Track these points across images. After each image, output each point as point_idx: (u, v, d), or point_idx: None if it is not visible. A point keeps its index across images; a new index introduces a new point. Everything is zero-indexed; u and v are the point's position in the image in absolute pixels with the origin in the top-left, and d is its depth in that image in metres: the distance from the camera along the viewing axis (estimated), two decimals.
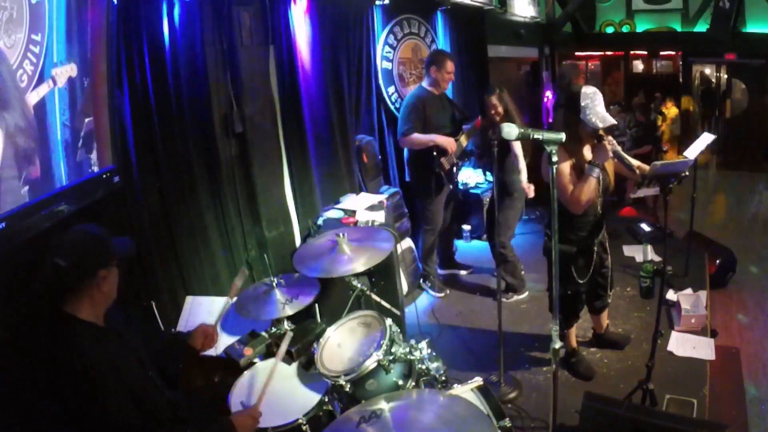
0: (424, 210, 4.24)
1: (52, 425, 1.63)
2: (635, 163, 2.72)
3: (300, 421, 1.99)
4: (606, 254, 3.05)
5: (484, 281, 4.48)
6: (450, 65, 4.07)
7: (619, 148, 2.64)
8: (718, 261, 4.68)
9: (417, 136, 3.95)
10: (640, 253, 4.67)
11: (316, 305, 2.68)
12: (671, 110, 8.22)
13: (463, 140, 4.06)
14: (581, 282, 2.92)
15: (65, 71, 2.00)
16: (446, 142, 3.94)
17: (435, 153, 3.98)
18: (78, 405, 1.53)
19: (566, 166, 2.64)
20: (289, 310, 2.43)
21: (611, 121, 2.51)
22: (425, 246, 4.29)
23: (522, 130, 1.90)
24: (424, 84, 4.12)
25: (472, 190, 5.32)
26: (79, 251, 1.62)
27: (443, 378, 2.21)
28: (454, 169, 4.16)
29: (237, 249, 3.25)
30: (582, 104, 2.52)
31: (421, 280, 4.37)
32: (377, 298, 2.72)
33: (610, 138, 2.57)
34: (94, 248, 1.65)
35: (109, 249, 1.68)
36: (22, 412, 1.73)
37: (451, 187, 4.28)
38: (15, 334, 1.79)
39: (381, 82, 4.61)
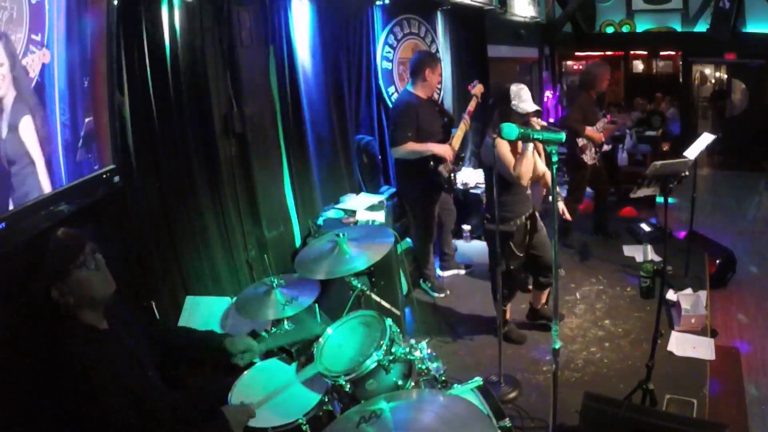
0: (418, 218, 4.12)
1: (52, 425, 1.64)
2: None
3: (300, 421, 1.99)
4: (537, 231, 3.34)
5: (484, 281, 4.48)
6: (440, 68, 4.01)
7: (544, 123, 3.17)
8: (718, 261, 4.68)
9: (413, 145, 3.77)
10: (640, 253, 4.67)
11: (316, 305, 2.68)
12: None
13: (455, 144, 3.97)
14: (521, 255, 3.27)
15: (37, 58, 1.86)
16: (443, 150, 3.82)
17: (432, 162, 3.84)
18: (77, 406, 1.54)
19: (507, 150, 3.07)
20: (289, 311, 2.43)
21: (535, 107, 3.03)
22: (422, 251, 4.25)
23: (522, 131, 1.91)
24: (412, 89, 3.90)
25: (472, 190, 5.31)
26: (33, 265, 1.61)
27: (443, 378, 2.21)
28: (452, 175, 4.05)
29: (237, 249, 3.25)
30: (512, 97, 3.00)
31: (421, 281, 4.37)
32: (377, 298, 2.73)
33: (535, 119, 3.03)
34: (43, 263, 1.60)
35: (54, 262, 1.61)
36: (23, 412, 1.73)
37: (452, 192, 4.21)
38: (15, 335, 1.79)
39: (381, 82, 4.62)
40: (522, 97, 3.00)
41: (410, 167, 3.90)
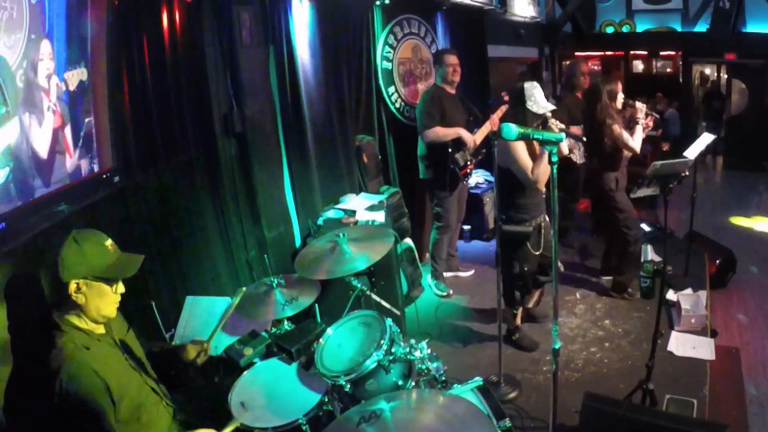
0: (438, 206, 4.27)
1: (51, 426, 1.63)
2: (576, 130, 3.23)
3: (300, 421, 1.99)
4: (548, 231, 3.28)
5: (485, 281, 4.48)
6: (450, 58, 4.17)
7: (563, 126, 2.99)
8: (718, 261, 4.68)
9: (440, 129, 4.02)
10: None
11: (316, 305, 2.68)
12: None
13: (478, 138, 4.15)
14: (536, 254, 3.22)
15: (76, 75, 2.03)
16: (468, 136, 4.07)
17: (450, 149, 4.04)
18: (77, 407, 1.53)
19: (524, 152, 2.97)
20: (289, 311, 2.43)
21: (551, 107, 2.94)
22: (436, 243, 4.32)
23: (522, 130, 1.91)
24: (438, 82, 4.21)
25: (472, 190, 5.31)
26: (74, 252, 1.60)
27: (443, 378, 2.21)
28: (468, 166, 4.20)
29: (237, 249, 3.24)
30: (526, 97, 2.91)
31: (429, 277, 4.39)
32: (377, 298, 2.73)
33: (553, 120, 2.94)
34: (69, 259, 1.59)
35: (95, 264, 1.61)
36: (23, 412, 1.73)
37: (467, 183, 4.38)
38: (14, 335, 1.78)
39: (381, 82, 4.61)
40: (536, 97, 2.91)
41: (436, 155, 4.12)
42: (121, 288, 1.71)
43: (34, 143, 1.84)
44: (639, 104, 3.69)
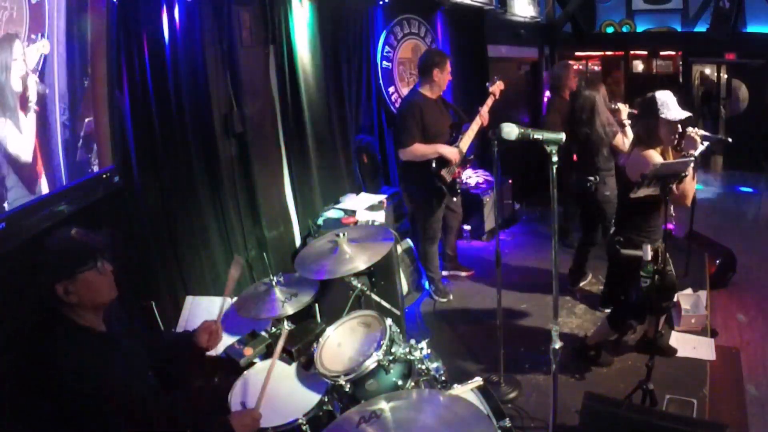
0: (423, 221, 4.03)
1: (51, 426, 1.63)
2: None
3: (300, 421, 1.99)
4: (668, 260, 3.05)
5: (485, 282, 4.48)
6: (448, 65, 3.84)
7: (704, 132, 2.78)
8: (718, 261, 4.67)
9: (419, 147, 3.68)
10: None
11: (316, 305, 2.68)
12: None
13: (463, 146, 3.88)
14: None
15: (36, 49, 1.82)
16: (450, 153, 3.74)
17: (434, 165, 3.74)
18: (74, 408, 1.54)
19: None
20: (289, 309, 2.43)
21: (686, 113, 2.70)
22: (427, 254, 4.20)
23: (522, 130, 1.91)
24: (420, 88, 3.81)
25: (472, 190, 5.31)
26: (44, 258, 1.60)
27: (443, 378, 2.21)
28: (457, 179, 3.93)
29: (237, 249, 3.25)
30: (659, 105, 2.71)
31: (426, 284, 4.36)
32: (377, 298, 2.72)
33: (694, 129, 2.73)
34: (54, 258, 1.60)
35: (67, 259, 1.61)
36: (23, 412, 1.73)
37: (454, 199, 4.09)
38: (14, 335, 1.78)
39: (381, 82, 4.62)
40: (669, 105, 2.71)
41: (415, 169, 3.81)
42: (102, 267, 1.66)
43: (14, 148, 1.76)
44: (621, 106, 3.65)
